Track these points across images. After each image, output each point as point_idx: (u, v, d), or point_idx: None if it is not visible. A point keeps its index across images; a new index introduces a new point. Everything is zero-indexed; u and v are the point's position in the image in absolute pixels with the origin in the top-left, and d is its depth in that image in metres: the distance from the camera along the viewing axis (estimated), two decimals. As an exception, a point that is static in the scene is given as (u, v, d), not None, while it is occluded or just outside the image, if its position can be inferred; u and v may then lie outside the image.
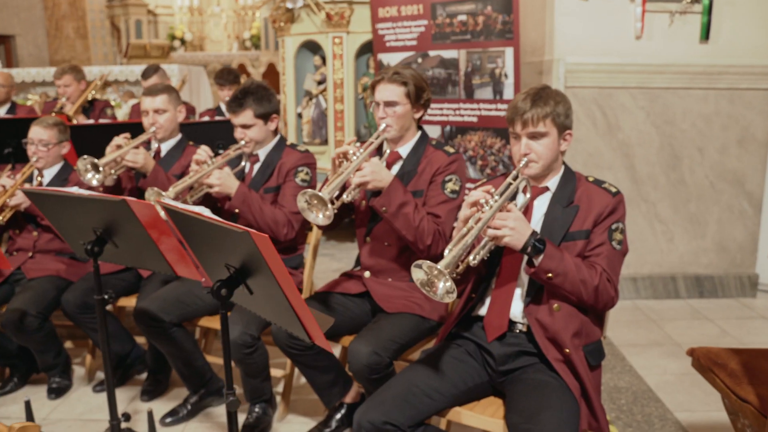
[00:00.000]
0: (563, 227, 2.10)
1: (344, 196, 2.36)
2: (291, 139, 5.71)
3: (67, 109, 5.05)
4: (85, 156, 2.99)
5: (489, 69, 4.18)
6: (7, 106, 5.37)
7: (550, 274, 1.98)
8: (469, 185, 4.39)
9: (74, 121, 4.93)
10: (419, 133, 2.70)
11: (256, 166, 3.08)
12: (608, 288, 2.04)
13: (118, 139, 3.18)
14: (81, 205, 2.19)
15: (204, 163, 2.90)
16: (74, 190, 2.19)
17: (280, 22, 5.36)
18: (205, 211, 1.79)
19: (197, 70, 8.82)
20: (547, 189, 2.19)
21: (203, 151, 2.90)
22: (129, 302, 3.28)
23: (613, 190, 2.15)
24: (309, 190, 2.22)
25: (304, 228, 3.06)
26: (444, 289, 1.78)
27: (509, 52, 4.06)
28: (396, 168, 2.67)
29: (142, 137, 3.27)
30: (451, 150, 2.65)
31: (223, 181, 2.85)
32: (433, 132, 4.55)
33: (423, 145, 2.68)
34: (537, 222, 2.17)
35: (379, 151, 2.67)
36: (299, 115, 5.66)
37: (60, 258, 3.40)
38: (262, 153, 3.06)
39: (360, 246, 2.79)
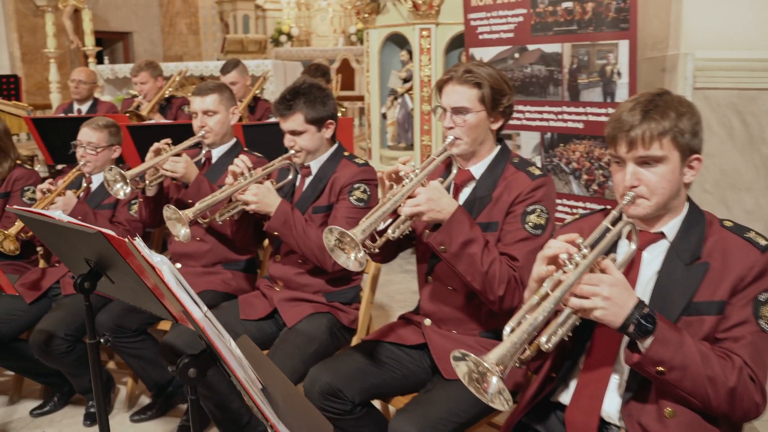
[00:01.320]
0: (685, 295, 1.49)
1: (390, 231, 1.84)
2: (375, 142, 5.24)
3: (143, 107, 4.85)
4: (112, 166, 2.65)
5: (598, 66, 3.51)
6: (89, 103, 5.26)
7: (661, 368, 1.38)
8: (562, 203, 3.73)
9: (152, 121, 4.71)
10: (498, 147, 2.14)
11: (308, 180, 2.62)
12: (750, 389, 1.42)
13: (158, 145, 2.82)
14: (63, 233, 1.80)
15: (241, 176, 2.46)
16: (56, 214, 1.80)
17: (364, 12, 4.90)
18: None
19: (293, 65, 8.56)
20: (662, 236, 1.60)
21: (241, 162, 2.47)
22: (167, 326, 2.92)
23: (764, 243, 1.51)
24: (336, 227, 1.71)
25: (358, 256, 2.56)
26: (496, 388, 1.22)
27: (624, 45, 3.37)
28: (466, 192, 2.11)
29: (187, 143, 2.89)
30: (537, 171, 2.06)
31: (261, 197, 2.41)
32: (531, 140, 3.92)
33: (502, 163, 2.11)
34: (645, 286, 1.57)
35: (447, 171, 2.13)
36: (383, 116, 5.17)
37: (100, 273, 3.09)
38: (315, 165, 2.60)
39: (420, 286, 2.26)
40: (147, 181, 2.80)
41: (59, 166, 4.38)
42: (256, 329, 2.58)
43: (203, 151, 3.01)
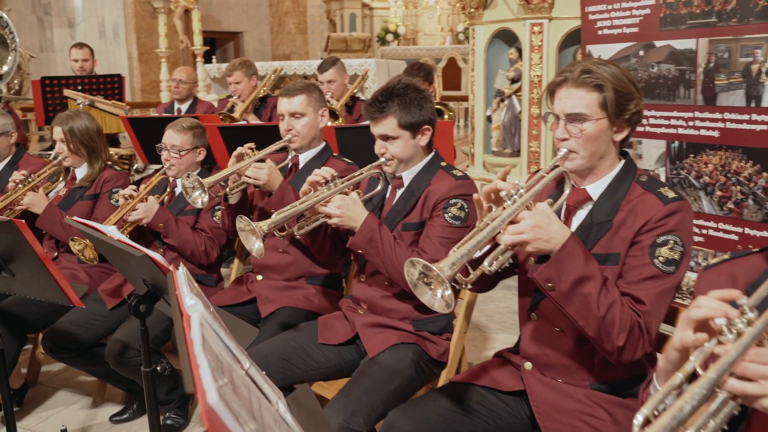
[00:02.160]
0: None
1: (486, 263, 1.52)
2: (478, 147, 4.89)
3: (237, 108, 4.76)
4: (190, 173, 2.48)
5: (742, 64, 3.01)
6: (188, 103, 5.25)
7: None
8: (696, 230, 3.23)
9: (243, 122, 4.61)
10: (621, 163, 1.78)
11: (399, 193, 2.34)
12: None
13: (241, 150, 2.64)
14: (116, 251, 1.63)
15: (324, 185, 2.22)
16: (109, 230, 1.62)
17: (470, 7, 4.55)
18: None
19: (397, 64, 8.33)
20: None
21: (324, 171, 2.23)
22: (247, 343, 2.75)
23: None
24: (419, 260, 1.42)
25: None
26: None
27: (776, 40, 2.86)
28: (581, 216, 1.77)
29: (272, 147, 2.70)
30: (671, 194, 1.68)
31: (345, 210, 2.15)
32: (654, 150, 3.46)
33: (626, 182, 1.75)
34: None
35: (558, 190, 1.79)
36: (488, 119, 4.82)
37: (182, 281, 2.96)
38: (407, 176, 2.32)
39: (522, 322, 1.94)
40: (228, 188, 2.62)
41: (150, 168, 4.37)
42: (336, 355, 2.34)
43: (290, 156, 2.81)
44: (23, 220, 1.87)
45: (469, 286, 1.52)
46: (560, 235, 1.54)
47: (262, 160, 2.63)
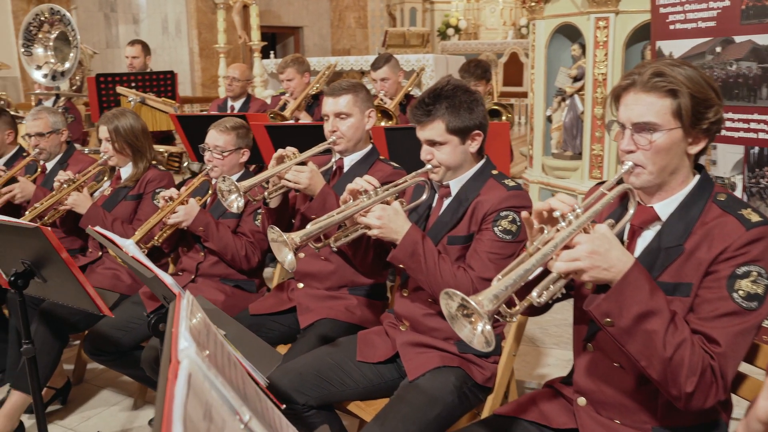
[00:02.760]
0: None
1: (535, 293, 1.34)
2: (537, 149, 4.65)
3: (289, 106, 4.66)
4: (226, 176, 2.38)
5: (835, 63, 2.71)
6: (242, 100, 5.19)
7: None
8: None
9: (292, 120, 4.52)
10: (695, 179, 1.57)
11: (445, 203, 2.18)
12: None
13: (282, 152, 2.51)
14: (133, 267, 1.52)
15: (364, 194, 2.08)
16: (126, 243, 1.52)
17: (530, 1, 4.32)
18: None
19: (456, 60, 8.11)
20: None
21: (364, 181, 2.08)
22: (284, 350, 2.64)
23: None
24: (456, 292, 1.26)
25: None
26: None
27: None
28: (647, 238, 1.57)
29: (314, 150, 2.57)
30: (755, 217, 1.46)
31: (386, 221, 2.00)
32: (731, 156, 3.17)
33: (701, 201, 1.54)
34: None
35: (620, 207, 1.60)
36: (548, 119, 4.57)
37: (222, 286, 2.88)
38: (455, 184, 2.16)
39: (576, 352, 1.75)
40: (267, 192, 2.51)
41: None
42: (374, 374, 2.20)
43: (334, 159, 2.68)
44: (49, 228, 1.80)
45: (514, 320, 1.35)
46: (622, 263, 1.35)
47: (303, 163, 2.50)
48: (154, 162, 3.21)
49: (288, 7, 13.67)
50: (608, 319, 1.36)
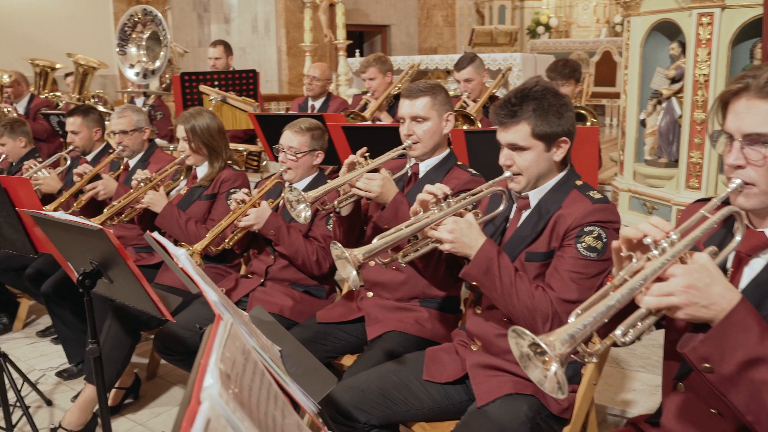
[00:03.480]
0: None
1: (618, 332, 1.17)
2: (628, 154, 4.36)
3: (370, 105, 4.58)
4: (293, 186, 2.30)
5: None
6: (322, 99, 5.16)
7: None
8: None
9: (371, 121, 4.43)
10: (818, 201, 1.34)
11: (524, 215, 2.02)
12: None
13: (353, 158, 2.42)
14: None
15: (435, 205, 1.95)
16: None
17: (627, -3, 4.04)
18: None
19: (545, 59, 7.81)
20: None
21: (436, 189, 1.95)
22: (350, 361, 2.55)
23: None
24: (524, 331, 1.11)
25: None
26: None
27: None
28: (756, 267, 1.37)
29: (388, 155, 2.46)
30: None
31: (458, 235, 1.86)
32: None
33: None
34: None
35: (724, 228, 1.41)
36: (642, 123, 4.27)
37: (291, 291, 2.83)
38: (535, 195, 2.00)
39: (665, 391, 1.56)
40: (337, 201, 2.42)
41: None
42: (441, 395, 2.07)
43: (409, 164, 2.56)
44: (111, 230, 1.78)
45: (594, 360, 1.19)
46: (725, 300, 1.16)
47: (376, 170, 2.40)
48: (229, 162, 3.20)
49: (376, 6, 13.64)
50: (707, 365, 1.17)
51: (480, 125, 4.14)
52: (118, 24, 6.24)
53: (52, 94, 6.52)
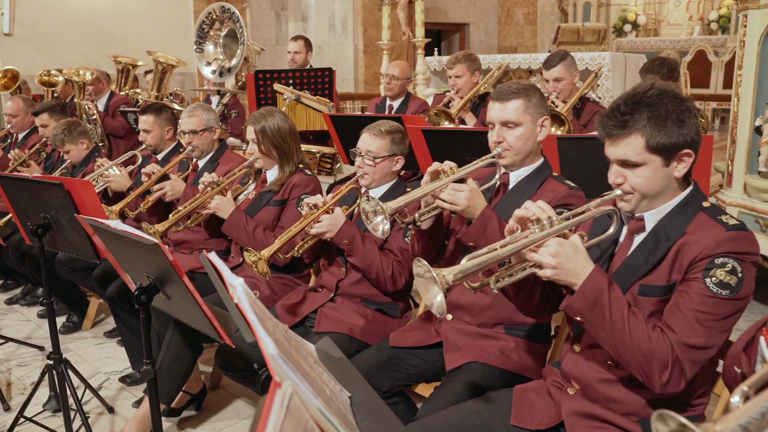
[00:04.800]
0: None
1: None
2: (739, 164, 3.90)
3: (454, 104, 4.31)
4: (370, 196, 2.06)
5: None
6: (401, 99, 4.93)
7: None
8: None
9: (456, 121, 4.16)
10: None
11: (637, 240, 1.72)
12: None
13: (437, 166, 2.15)
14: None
15: (535, 224, 1.66)
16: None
17: (744, -11, 3.60)
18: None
19: (636, 59, 7.33)
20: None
21: (536, 207, 1.67)
22: (426, 391, 2.30)
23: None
24: (673, 414, 0.82)
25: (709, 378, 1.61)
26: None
27: None
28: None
29: (476, 164, 2.18)
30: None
31: (562, 261, 1.57)
32: None
33: None
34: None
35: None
36: (757, 131, 3.82)
37: (363, 309, 2.60)
38: (652, 218, 1.70)
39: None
40: (417, 213, 2.17)
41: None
42: (531, 444, 1.79)
43: (497, 174, 2.28)
44: (167, 246, 1.59)
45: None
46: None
47: (462, 180, 2.13)
48: (300, 165, 3.00)
49: (455, 4, 13.34)
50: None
51: (571, 128, 3.81)
52: (196, 22, 6.20)
53: (132, 91, 6.56)
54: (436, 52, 8.36)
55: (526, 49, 14.09)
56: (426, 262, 1.56)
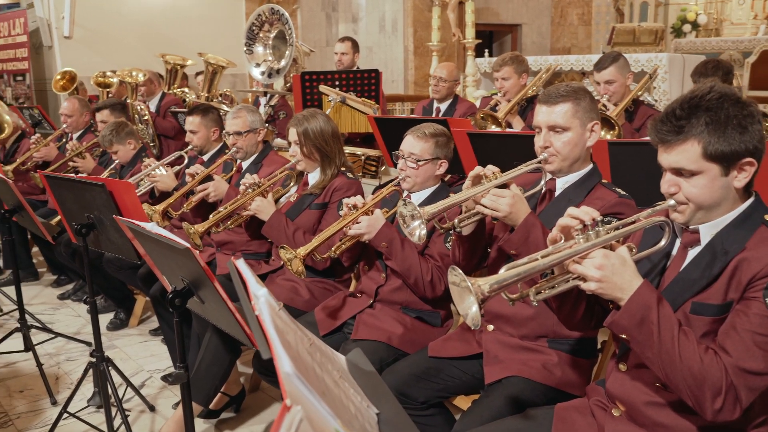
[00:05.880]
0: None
1: None
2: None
3: (500, 108, 4.21)
4: (407, 200, 2.00)
5: None
6: (448, 102, 4.85)
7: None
8: None
9: (503, 125, 4.06)
10: None
11: (691, 254, 1.61)
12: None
13: (479, 171, 2.08)
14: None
15: (580, 233, 1.57)
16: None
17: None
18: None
19: (695, 60, 7.06)
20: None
21: (581, 213, 1.57)
22: (464, 403, 2.23)
23: None
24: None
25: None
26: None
27: None
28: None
29: (520, 169, 2.11)
30: None
31: (608, 274, 1.49)
32: None
33: None
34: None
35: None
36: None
37: (402, 316, 2.55)
38: (708, 230, 1.60)
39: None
40: (457, 219, 2.10)
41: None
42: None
43: (543, 180, 2.19)
44: (211, 247, 1.57)
45: None
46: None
47: (505, 186, 2.05)
48: (343, 169, 2.96)
49: (507, 4, 13.17)
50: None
51: (622, 132, 3.66)
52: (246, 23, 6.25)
53: (180, 90, 6.66)
54: (486, 54, 8.24)
55: (580, 51, 13.78)
56: (461, 271, 1.50)
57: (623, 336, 1.52)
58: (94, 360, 2.81)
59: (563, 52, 13.56)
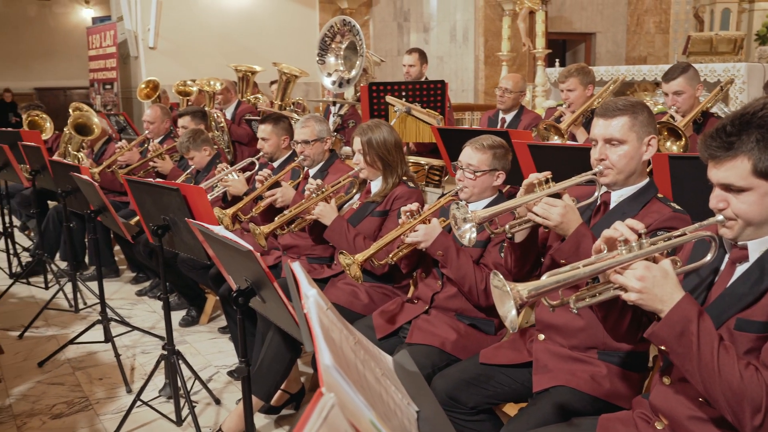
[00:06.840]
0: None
1: None
2: None
3: (565, 119, 4.21)
4: (460, 202, 2.07)
5: None
6: (513, 113, 4.87)
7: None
8: None
9: (565, 136, 4.06)
10: None
11: (740, 270, 1.62)
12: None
13: (533, 178, 2.13)
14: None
15: (623, 244, 1.61)
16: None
17: None
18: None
19: (777, 70, 6.80)
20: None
21: (625, 227, 1.61)
22: (513, 411, 2.27)
23: None
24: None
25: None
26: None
27: None
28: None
29: (574, 180, 2.14)
30: None
31: (648, 285, 1.52)
32: None
33: None
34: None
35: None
36: None
37: (457, 323, 2.61)
38: (757, 247, 1.61)
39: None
40: (508, 225, 2.15)
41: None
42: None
43: (598, 192, 2.21)
44: (259, 253, 1.69)
45: None
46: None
47: (558, 195, 2.10)
48: (404, 178, 3.06)
49: (581, 13, 12.97)
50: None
51: (689, 144, 3.60)
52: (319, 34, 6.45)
53: (253, 96, 6.94)
54: (557, 63, 8.18)
55: (657, 60, 13.40)
56: (501, 276, 1.56)
57: (663, 348, 1.54)
58: (166, 353, 3.00)
59: (639, 61, 13.23)
